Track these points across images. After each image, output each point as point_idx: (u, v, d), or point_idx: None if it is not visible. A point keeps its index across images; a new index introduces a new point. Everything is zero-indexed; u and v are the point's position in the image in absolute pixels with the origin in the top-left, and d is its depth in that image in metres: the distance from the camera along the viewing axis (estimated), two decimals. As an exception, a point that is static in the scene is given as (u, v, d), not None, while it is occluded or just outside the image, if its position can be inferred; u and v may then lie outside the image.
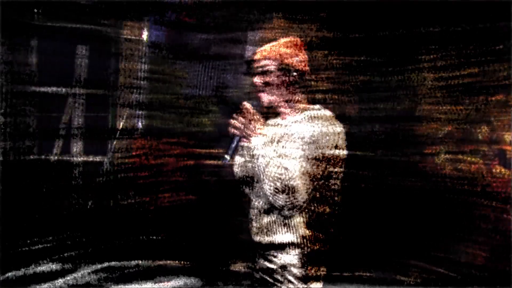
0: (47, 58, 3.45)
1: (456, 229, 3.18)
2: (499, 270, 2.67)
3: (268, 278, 1.36)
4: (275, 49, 1.34)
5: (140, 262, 3.23)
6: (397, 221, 3.21)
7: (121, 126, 3.77)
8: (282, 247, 1.30)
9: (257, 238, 1.40)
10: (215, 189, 3.53)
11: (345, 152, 1.31)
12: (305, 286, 1.29)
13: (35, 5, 3.09)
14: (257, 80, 1.36)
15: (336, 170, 1.28)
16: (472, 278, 2.77)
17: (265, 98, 1.37)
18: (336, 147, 1.24)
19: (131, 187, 3.76)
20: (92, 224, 3.46)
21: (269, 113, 1.48)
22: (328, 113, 1.37)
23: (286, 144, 1.28)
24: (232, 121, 1.31)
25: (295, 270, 1.31)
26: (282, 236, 1.31)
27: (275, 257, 1.33)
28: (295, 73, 1.33)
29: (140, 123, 3.84)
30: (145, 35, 3.71)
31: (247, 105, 1.30)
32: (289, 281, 1.30)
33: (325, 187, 1.28)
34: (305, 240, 1.29)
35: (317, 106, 1.40)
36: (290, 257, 1.32)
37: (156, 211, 3.71)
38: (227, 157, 1.33)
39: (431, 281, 2.92)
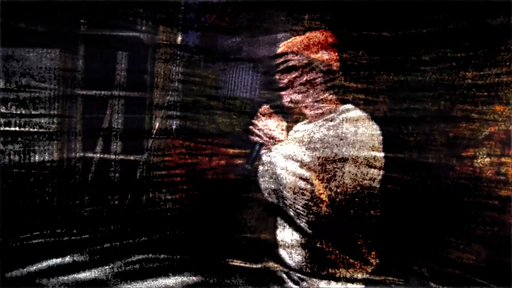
0: (91, 64, 3.69)
1: (496, 235, 2.96)
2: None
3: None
4: (300, 43, 1.14)
5: (171, 257, 3.33)
6: (431, 225, 3.04)
7: (157, 127, 3.91)
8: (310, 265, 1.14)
9: (282, 251, 1.25)
10: (245, 189, 3.56)
11: (382, 154, 1.16)
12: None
13: (81, 15, 3.33)
14: (279, 77, 1.17)
15: (374, 172, 1.12)
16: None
17: (288, 97, 1.17)
18: (373, 149, 1.08)
19: (166, 185, 3.89)
20: (128, 220, 3.63)
21: (294, 114, 1.32)
22: (362, 113, 1.17)
23: (315, 150, 1.09)
24: (252, 127, 1.13)
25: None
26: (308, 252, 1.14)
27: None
28: (322, 70, 1.11)
29: (174, 124, 3.96)
30: (179, 39, 3.83)
31: (267, 108, 1.10)
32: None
33: (362, 193, 1.11)
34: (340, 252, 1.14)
35: (349, 106, 1.19)
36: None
37: (189, 209, 3.80)
38: (248, 166, 1.21)
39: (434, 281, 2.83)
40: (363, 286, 1.24)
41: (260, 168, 1.21)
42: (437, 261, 2.90)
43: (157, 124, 3.92)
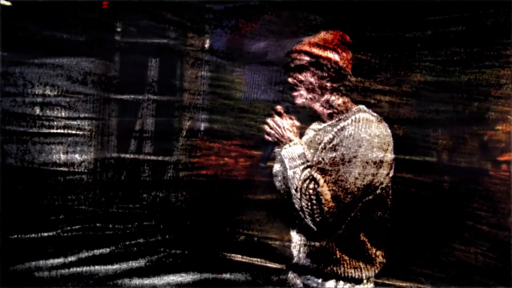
0: (125, 70, 3.87)
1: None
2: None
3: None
4: (311, 43, 1.15)
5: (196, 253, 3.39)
6: (456, 229, 2.86)
7: (185, 129, 4.01)
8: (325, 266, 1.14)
9: (297, 253, 1.22)
10: (268, 190, 3.55)
11: (392, 156, 1.14)
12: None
13: (115, 25, 3.50)
14: (292, 77, 1.18)
15: (382, 173, 1.10)
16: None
17: (300, 98, 1.18)
18: (382, 151, 1.06)
19: (193, 185, 3.97)
20: (158, 216, 3.76)
21: (307, 114, 1.32)
22: (373, 115, 1.16)
23: (325, 150, 1.08)
24: (265, 127, 1.16)
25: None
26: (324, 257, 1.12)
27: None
28: (332, 70, 1.12)
29: (202, 126, 4.04)
30: (206, 45, 3.90)
31: (279, 108, 1.13)
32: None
33: (370, 194, 1.08)
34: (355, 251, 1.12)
35: (361, 107, 1.20)
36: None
37: (214, 207, 3.86)
38: (262, 164, 1.21)
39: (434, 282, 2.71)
40: (372, 285, 1.21)
41: (275, 167, 1.24)
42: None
43: (186, 127, 4.02)
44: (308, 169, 1.07)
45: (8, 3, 3.77)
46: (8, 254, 2.72)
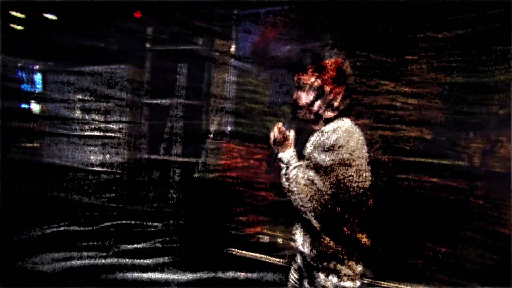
0: (156, 76, 3.98)
1: None
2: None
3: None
4: (312, 73, 1.37)
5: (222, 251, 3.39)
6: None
7: (212, 132, 4.05)
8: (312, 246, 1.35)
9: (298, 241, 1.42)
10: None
11: (362, 160, 1.29)
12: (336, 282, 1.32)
13: (147, 33, 3.62)
14: (295, 96, 1.40)
15: (354, 175, 1.27)
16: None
17: (300, 113, 1.40)
18: (354, 153, 1.25)
19: (220, 185, 4.00)
20: (186, 215, 3.82)
21: (306, 127, 1.48)
22: (348, 124, 1.33)
23: (311, 154, 1.31)
24: (270, 136, 1.39)
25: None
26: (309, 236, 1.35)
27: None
28: (324, 96, 1.35)
29: (228, 129, 4.06)
30: (232, 50, 3.92)
31: (280, 124, 1.38)
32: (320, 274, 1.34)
33: (349, 193, 1.27)
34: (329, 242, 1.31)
35: (344, 119, 1.37)
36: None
37: (240, 208, 3.86)
38: (268, 168, 1.43)
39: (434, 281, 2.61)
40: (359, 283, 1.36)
41: (281, 171, 1.40)
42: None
43: (213, 130, 4.06)
44: (296, 169, 1.30)
45: (54, 17, 4.03)
46: (40, 246, 2.86)
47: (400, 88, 3.03)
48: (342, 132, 1.26)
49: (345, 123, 1.31)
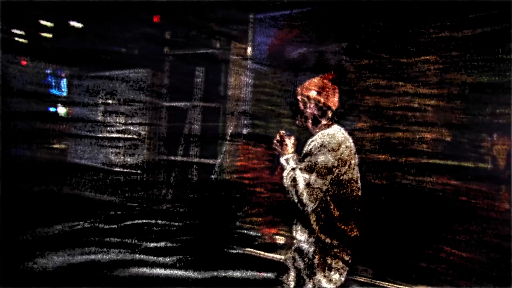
0: (174, 79, 4.02)
1: None
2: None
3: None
4: (306, 86, 1.54)
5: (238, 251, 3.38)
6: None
7: (229, 134, 4.05)
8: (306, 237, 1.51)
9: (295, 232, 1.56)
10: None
11: (352, 161, 1.48)
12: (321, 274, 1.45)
13: (165, 37, 3.67)
14: (293, 107, 1.57)
15: (341, 172, 1.44)
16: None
17: (299, 121, 1.57)
18: (338, 154, 1.42)
19: (237, 187, 3.99)
20: (203, 215, 3.83)
21: (304, 134, 1.62)
22: (336, 131, 1.51)
23: (305, 157, 1.49)
24: (274, 142, 1.56)
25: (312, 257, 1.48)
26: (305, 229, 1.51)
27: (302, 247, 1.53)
28: (320, 107, 1.51)
29: (245, 131, 4.05)
30: (249, 53, 3.91)
31: (282, 132, 1.55)
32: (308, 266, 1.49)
33: (336, 187, 1.44)
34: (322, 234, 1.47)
35: (335, 126, 1.55)
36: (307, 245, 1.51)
37: (256, 206, 3.85)
38: (271, 173, 1.60)
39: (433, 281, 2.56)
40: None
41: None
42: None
43: (230, 131, 4.06)
44: (293, 171, 1.45)
45: (79, 25, 4.17)
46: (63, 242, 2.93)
47: (418, 89, 2.91)
48: (328, 137, 1.44)
49: (333, 130, 1.49)
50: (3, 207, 2.70)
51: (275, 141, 1.54)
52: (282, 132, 1.54)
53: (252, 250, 3.38)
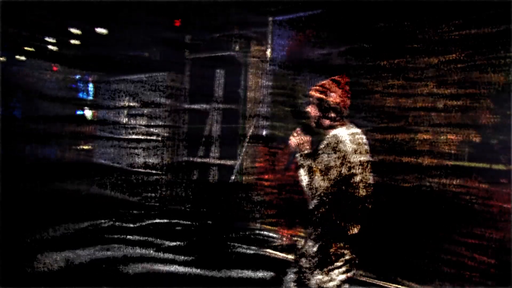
0: (195, 82, 4.04)
1: None
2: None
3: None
4: (319, 88, 1.57)
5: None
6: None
7: (249, 135, 4.02)
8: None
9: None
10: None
11: (356, 161, 1.50)
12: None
13: (185, 41, 3.69)
14: (308, 108, 1.60)
15: (348, 172, 1.47)
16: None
17: (313, 121, 1.60)
18: (356, 154, 1.47)
19: (256, 188, 3.95)
20: (223, 216, 3.82)
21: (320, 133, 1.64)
22: (348, 131, 1.54)
23: (319, 154, 1.51)
24: (290, 140, 1.59)
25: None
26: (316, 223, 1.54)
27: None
28: (333, 107, 1.54)
29: (264, 132, 4.00)
30: (268, 55, 3.87)
31: (299, 130, 1.58)
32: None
33: (344, 186, 1.47)
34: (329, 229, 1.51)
35: (349, 125, 1.58)
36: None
37: (274, 208, 3.81)
38: (284, 170, 1.75)
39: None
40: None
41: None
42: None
43: (249, 133, 4.03)
44: (309, 165, 1.50)
45: (105, 31, 4.29)
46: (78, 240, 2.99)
47: (442, 89, 2.76)
48: (333, 138, 1.48)
49: (340, 130, 1.52)
50: (30, 206, 2.80)
51: (291, 138, 1.58)
52: (299, 129, 1.59)
53: (270, 251, 3.33)
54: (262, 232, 3.70)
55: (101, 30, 4.08)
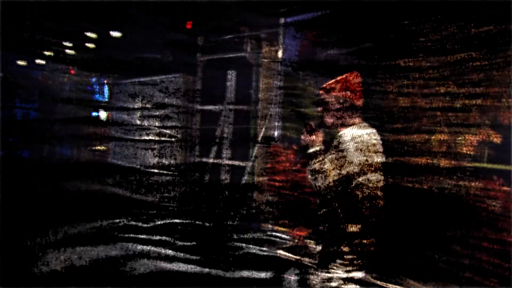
0: (207, 83, 4.03)
1: None
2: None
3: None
4: (333, 85, 1.55)
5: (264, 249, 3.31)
6: None
7: (260, 136, 3.98)
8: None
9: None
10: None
11: (361, 161, 1.46)
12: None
13: (197, 42, 3.68)
14: (320, 105, 1.60)
15: (359, 171, 1.45)
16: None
17: (326, 118, 1.59)
18: (369, 151, 1.45)
19: (268, 189, 3.91)
20: (236, 217, 3.80)
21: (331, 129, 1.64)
22: (361, 130, 1.51)
23: (333, 151, 1.50)
24: (302, 135, 1.57)
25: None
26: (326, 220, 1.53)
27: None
28: (346, 104, 1.52)
29: (276, 133, 3.97)
30: (279, 55, 3.83)
31: (311, 125, 1.56)
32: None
33: (352, 185, 1.45)
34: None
35: (363, 123, 1.55)
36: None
37: (285, 207, 3.77)
38: (296, 160, 1.70)
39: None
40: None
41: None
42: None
43: (261, 134, 3.99)
44: (320, 162, 1.48)
45: (119, 35, 4.34)
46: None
47: (461, 88, 2.65)
48: (340, 137, 1.48)
49: (352, 130, 1.49)
50: (46, 204, 2.84)
51: (304, 132, 1.57)
52: (311, 124, 1.57)
53: (281, 252, 3.29)
54: (273, 233, 3.67)
55: (115, 34, 4.13)
